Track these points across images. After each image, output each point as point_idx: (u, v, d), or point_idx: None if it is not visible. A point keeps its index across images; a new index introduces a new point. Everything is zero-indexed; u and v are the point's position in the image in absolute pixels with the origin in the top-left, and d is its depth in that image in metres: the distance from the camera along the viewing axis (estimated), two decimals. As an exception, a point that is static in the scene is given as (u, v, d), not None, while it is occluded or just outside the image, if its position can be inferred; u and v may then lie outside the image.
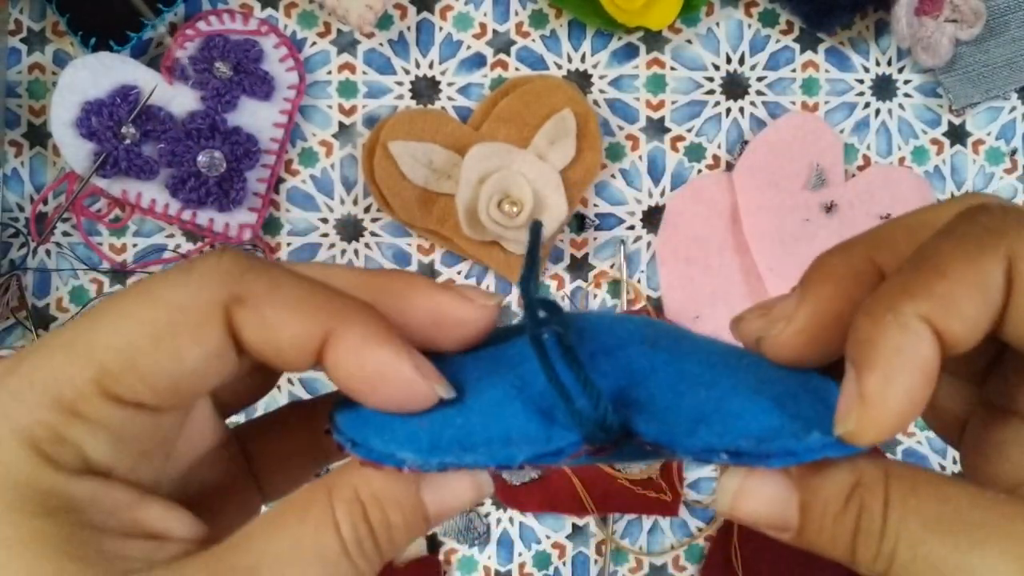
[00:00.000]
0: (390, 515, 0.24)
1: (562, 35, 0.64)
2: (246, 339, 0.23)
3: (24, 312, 0.62)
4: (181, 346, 0.23)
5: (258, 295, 0.23)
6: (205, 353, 0.23)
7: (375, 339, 0.24)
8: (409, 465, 0.23)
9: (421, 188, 0.61)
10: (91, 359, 0.22)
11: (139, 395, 0.23)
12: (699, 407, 0.24)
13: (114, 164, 0.59)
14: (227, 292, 0.23)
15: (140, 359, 0.22)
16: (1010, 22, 0.64)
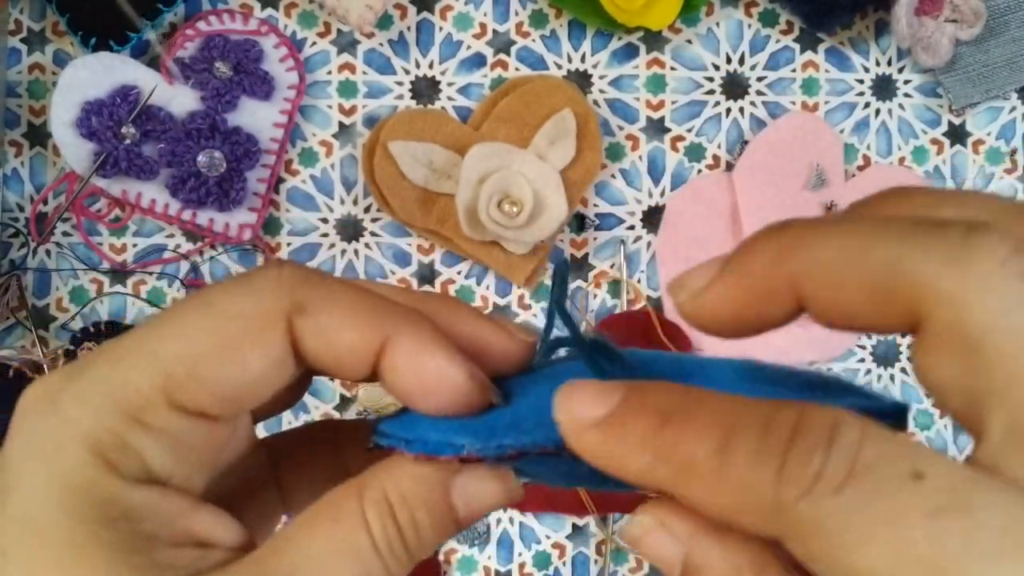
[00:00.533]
0: (417, 515, 0.24)
1: (562, 35, 0.64)
2: (306, 347, 0.24)
3: (24, 312, 0.62)
4: (246, 354, 0.23)
5: (317, 303, 0.24)
6: (268, 361, 0.24)
7: (431, 345, 0.24)
8: (468, 450, 0.24)
9: (421, 188, 0.61)
10: (157, 367, 0.23)
11: (202, 404, 0.23)
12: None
13: (114, 164, 0.59)
14: (288, 301, 0.24)
15: (205, 367, 0.23)
16: (1010, 22, 0.64)
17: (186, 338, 0.23)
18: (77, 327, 0.63)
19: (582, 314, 0.65)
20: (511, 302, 0.65)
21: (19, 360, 0.59)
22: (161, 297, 0.64)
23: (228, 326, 0.23)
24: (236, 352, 0.23)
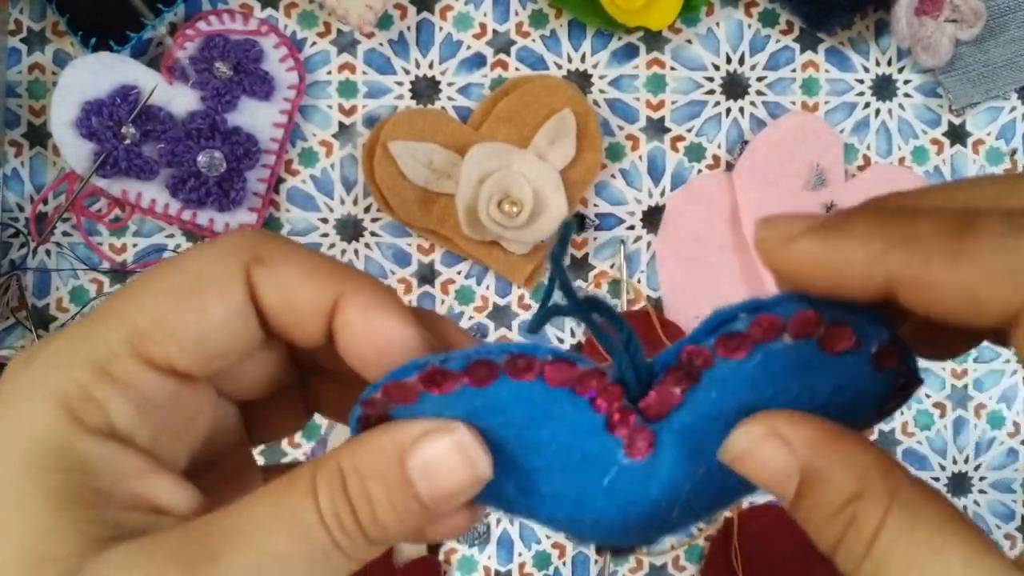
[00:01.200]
0: (371, 488, 0.23)
1: (562, 35, 0.64)
2: (265, 300, 0.25)
3: (24, 312, 0.62)
4: (205, 301, 0.24)
5: (276, 257, 0.25)
6: (227, 308, 0.24)
7: (385, 304, 0.25)
8: (431, 364, 0.24)
9: (421, 188, 0.61)
10: (123, 320, 0.24)
11: (167, 354, 0.24)
12: None
13: (114, 164, 0.59)
14: (247, 255, 0.24)
15: (168, 316, 0.24)
16: (1010, 22, 0.64)
17: (151, 293, 0.24)
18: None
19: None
20: (511, 302, 0.65)
21: (19, 360, 0.59)
22: (161, 297, 0.64)
23: (191, 279, 0.24)
24: (197, 300, 0.24)
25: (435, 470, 0.24)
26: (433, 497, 0.24)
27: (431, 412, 0.24)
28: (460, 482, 0.24)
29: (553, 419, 0.25)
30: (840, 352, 0.24)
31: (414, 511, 0.24)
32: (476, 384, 0.24)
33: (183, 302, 0.24)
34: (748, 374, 0.25)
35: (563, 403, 0.25)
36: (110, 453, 0.23)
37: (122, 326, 0.24)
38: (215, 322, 0.24)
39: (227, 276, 0.24)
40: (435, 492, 0.24)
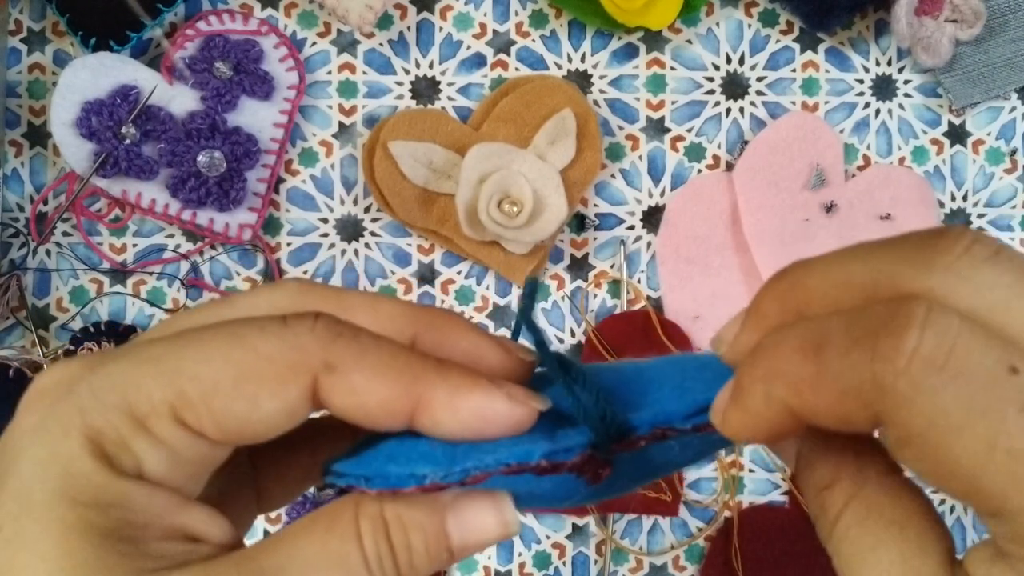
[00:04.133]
0: (412, 538, 0.24)
1: (562, 35, 0.64)
2: (335, 404, 0.24)
3: (24, 312, 0.62)
4: (260, 396, 0.24)
5: (348, 363, 0.24)
6: (280, 408, 0.24)
7: (464, 389, 0.24)
8: (431, 479, 0.24)
9: (421, 188, 0.61)
10: (173, 382, 0.23)
11: (205, 428, 0.24)
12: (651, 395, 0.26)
13: (114, 164, 0.59)
14: (319, 358, 0.24)
15: (217, 396, 0.23)
16: (1010, 22, 0.64)
17: (208, 363, 0.24)
18: (77, 327, 0.63)
19: (582, 314, 0.65)
20: (511, 302, 0.65)
21: (19, 360, 0.59)
22: (161, 297, 0.64)
23: (251, 364, 0.24)
24: (252, 391, 0.24)
25: (471, 525, 0.25)
26: (464, 548, 0.25)
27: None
28: (491, 537, 0.25)
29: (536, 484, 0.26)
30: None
31: (444, 560, 0.25)
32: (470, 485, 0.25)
33: (237, 386, 0.24)
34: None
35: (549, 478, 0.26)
36: (144, 491, 0.24)
37: (170, 387, 0.24)
38: (262, 416, 0.24)
39: (291, 376, 0.24)
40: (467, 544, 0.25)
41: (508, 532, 0.25)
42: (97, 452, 0.23)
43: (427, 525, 0.25)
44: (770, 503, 0.64)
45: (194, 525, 0.24)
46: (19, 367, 0.59)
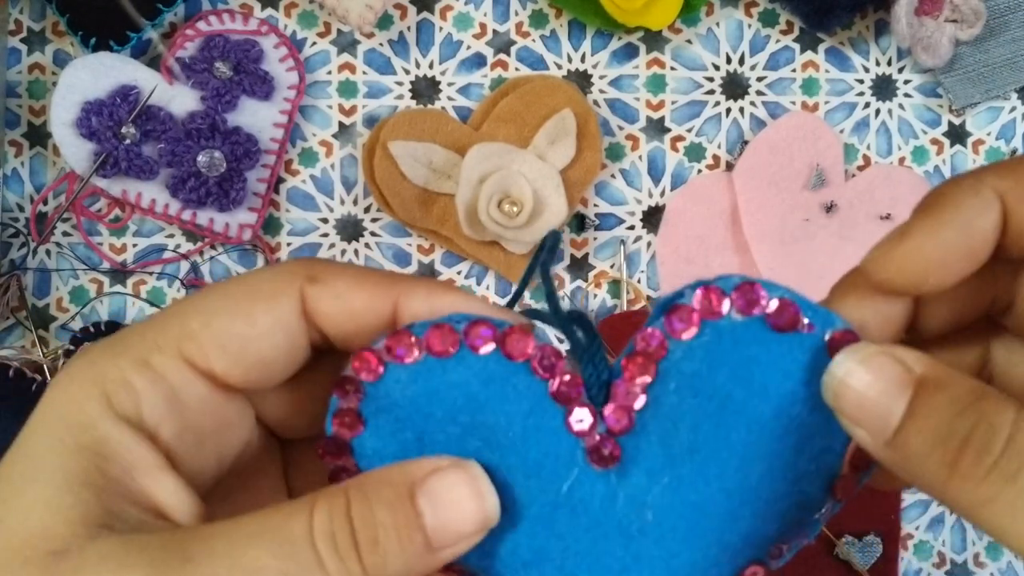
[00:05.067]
0: (377, 512, 0.23)
1: (562, 35, 0.64)
2: (322, 310, 0.26)
3: (24, 312, 0.62)
4: (255, 312, 0.25)
5: (330, 274, 0.26)
6: (274, 320, 0.25)
7: (440, 290, 0.26)
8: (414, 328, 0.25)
9: (421, 188, 0.61)
10: (175, 321, 0.25)
11: (209, 355, 0.25)
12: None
13: (114, 164, 0.59)
14: (302, 274, 0.26)
15: (218, 319, 0.25)
16: (1010, 22, 0.64)
17: (207, 300, 0.26)
18: (77, 327, 0.63)
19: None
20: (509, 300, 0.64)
21: (19, 360, 0.59)
22: (161, 297, 0.64)
23: (246, 290, 0.26)
24: (247, 308, 0.25)
25: (444, 501, 0.24)
26: (438, 531, 0.23)
27: (397, 392, 0.25)
28: (467, 516, 0.24)
29: (512, 402, 0.25)
30: (789, 330, 0.25)
31: (418, 543, 0.23)
32: (437, 353, 0.25)
33: (234, 309, 0.25)
34: (701, 357, 0.25)
35: (522, 381, 0.25)
36: (129, 440, 0.24)
37: (173, 326, 0.25)
38: (260, 331, 0.25)
39: (279, 290, 0.25)
40: (442, 525, 0.23)
41: (484, 507, 0.24)
42: (97, 392, 0.24)
43: (395, 500, 0.23)
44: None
45: (163, 496, 0.24)
46: (19, 367, 0.59)
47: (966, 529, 0.65)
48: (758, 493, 0.25)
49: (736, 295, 0.25)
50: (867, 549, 0.62)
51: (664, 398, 0.25)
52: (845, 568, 0.62)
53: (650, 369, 0.25)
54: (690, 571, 0.26)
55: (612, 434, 0.25)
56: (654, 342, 0.25)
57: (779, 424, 0.25)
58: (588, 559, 0.26)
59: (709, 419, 0.25)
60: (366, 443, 0.26)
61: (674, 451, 0.25)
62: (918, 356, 0.24)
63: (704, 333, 0.25)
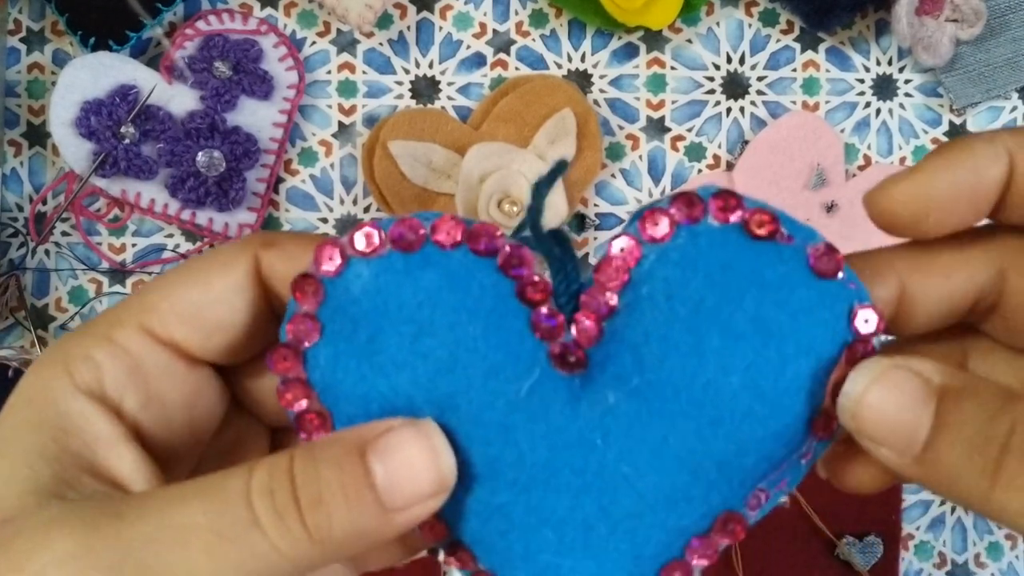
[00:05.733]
0: (322, 469, 0.22)
1: (562, 35, 0.64)
2: (277, 272, 0.26)
3: (23, 312, 0.62)
4: (211, 277, 0.26)
5: (283, 239, 0.27)
6: (228, 283, 0.26)
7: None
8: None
9: (421, 188, 0.61)
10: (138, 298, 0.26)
11: (169, 324, 0.26)
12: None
13: (113, 164, 0.59)
14: (257, 241, 0.27)
15: (176, 289, 0.26)
16: (1011, 21, 0.64)
17: (168, 276, 0.27)
18: (76, 327, 0.63)
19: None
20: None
21: (18, 360, 0.59)
22: (160, 297, 0.63)
23: (203, 260, 0.26)
24: (204, 276, 0.26)
25: (396, 459, 0.22)
26: (390, 490, 0.22)
27: (357, 288, 0.24)
28: (422, 475, 0.23)
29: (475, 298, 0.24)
30: (767, 239, 0.24)
31: (367, 503, 0.22)
32: (403, 247, 0.24)
33: (190, 280, 0.26)
34: (676, 260, 0.24)
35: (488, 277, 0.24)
36: (90, 413, 0.25)
37: (134, 303, 0.26)
38: (216, 295, 0.26)
39: (234, 257, 0.26)
40: (393, 484, 0.22)
41: (440, 464, 0.23)
42: (61, 369, 0.25)
43: (343, 458, 0.22)
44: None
45: (120, 467, 0.24)
46: (18, 367, 0.58)
47: (967, 529, 0.65)
48: (732, 412, 0.24)
49: (714, 201, 0.24)
50: (868, 550, 0.62)
51: (636, 305, 0.24)
52: (846, 569, 0.62)
53: (622, 276, 0.24)
54: (657, 496, 0.25)
55: (579, 345, 0.25)
56: (627, 248, 0.24)
57: (756, 336, 0.24)
58: (545, 472, 0.24)
59: (681, 325, 0.24)
60: (320, 353, 0.25)
61: (644, 358, 0.24)
62: (935, 366, 0.23)
63: (679, 236, 0.24)
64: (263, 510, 0.22)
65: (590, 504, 0.25)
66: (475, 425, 0.24)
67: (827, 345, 0.24)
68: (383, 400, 0.24)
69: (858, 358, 0.24)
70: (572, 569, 0.25)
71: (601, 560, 0.25)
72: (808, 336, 0.24)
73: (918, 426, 0.22)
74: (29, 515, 0.22)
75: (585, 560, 0.25)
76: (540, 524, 0.25)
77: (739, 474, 0.25)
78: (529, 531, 0.25)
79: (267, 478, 0.22)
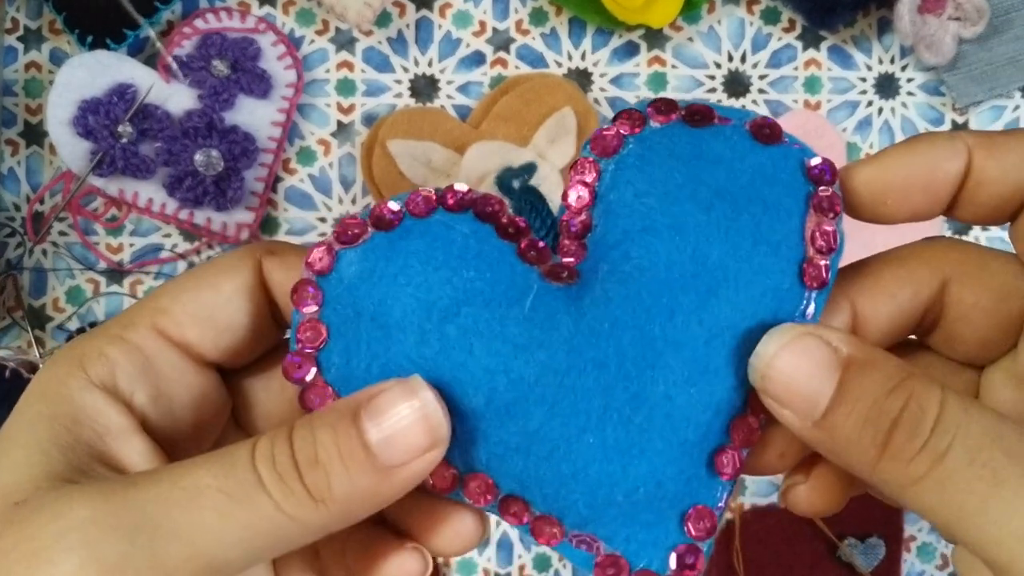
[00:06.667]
0: (318, 433, 0.23)
1: (562, 33, 0.64)
2: (275, 280, 0.28)
3: (20, 312, 0.62)
4: (220, 281, 0.28)
5: (283, 248, 0.29)
6: (236, 286, 0.28)
7: None
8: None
9: (420, 187, 0.61)
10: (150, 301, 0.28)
11: (181, 325, 0.27)
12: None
13: (111, 163, 0.59)
14: (261, 249, 0.28)
15: (187, 292, 0.27)
16: (1014, 20, 0.63)
17: (178, 280, 0.28)
18: (74, 327, 0.62)
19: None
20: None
21: (15, 360, 0.59)
22: (158, 297, 0.63)
23: (212, 266, 0.28)
24: (213, 279, 0.28)
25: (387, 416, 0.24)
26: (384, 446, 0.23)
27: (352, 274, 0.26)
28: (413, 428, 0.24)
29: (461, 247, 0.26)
30: (705, 123, 0.26)
31: (360, 459, 0.23)
32: (383, 226, 0.26)
33: (200, 283, 0.28)
34: (632, 163, 0.27)
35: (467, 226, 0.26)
36: (102, 405, 0.26)
37: (146, 306, 0.27)
38: (226, 296, 0.27)
39: (240, 262, 0.28)
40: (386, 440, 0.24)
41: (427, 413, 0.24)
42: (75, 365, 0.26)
43: (337, 421, 0.24)
44: (772, 505, 0.64)
45: (131, 456, 0.26)
46: (15, 367, 0.58)
47: (970, 531, 0.65)
48: (724, 278, 0.26)
49: (651, 109, 0.28)
50: (870, 551, 0.62)
51: (608, 212, 0.27)
52: (848, 570, 0.62)
53: (588, 195, 0.27)
54: (682, 371, 0.26)
55: (566, 263, 0.27)
56: (585, 167, 0.27)
57: (724, 204, 0.26)
58: (570, 377, 0.25)
59: (655, 212, 0.26)
60: (332, 352, 0.26)
61: (629, 250, 0.26)
62: (844, 336, 0.24)
63: (628, 143, 0.27)
64: (266, 472, 0.23)
65: (621, 396, 0.26)
66: (491, 355, 0.25)
67: (792, 201, 0.26)
68: (401, 369, 0.26)
69: (824, 207, 0.26)
70: (624, 473, 0.26)
71: (650, 455, 0.26)
72: (771, 194, 0.26)
73: (821, 393, 0.24)
74: (43, 496, 0.23)
75: (635, 458, 0.26)
76: (580, 433, 0.26)
77: (753, 339, 0.26)
78: (571, 443, 0.26)
79: (269, 445, 0.24)
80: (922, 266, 0.28)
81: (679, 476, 0.26)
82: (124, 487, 0.23)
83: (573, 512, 0.26)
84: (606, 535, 0.27)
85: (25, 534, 0.23)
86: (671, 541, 0.26)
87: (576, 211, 0.27)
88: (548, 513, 0.27)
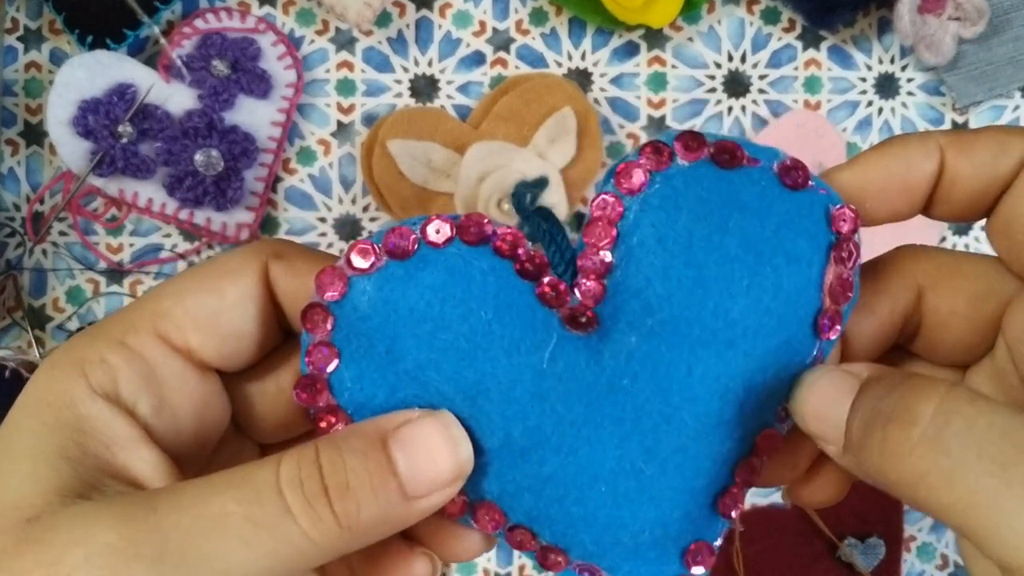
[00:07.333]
0: (348, 459, 0.23)
1: (562, 33, 0.64)
2: (282, 285, 0.27)
3: (20, 312, 0.62)
4: (224, 285, 0.27)
5: (292, 253, 0.27)
6: (241, 292, 0.27)
7: None
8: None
9: (420, 187, 0.61)
10: (151, 302, 0.27)
11: (184, 330, 0.26)
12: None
13: (111, 163, 0.59)
14: (267, 251, 0.27)
15: (190, 296, 0.26)
16: (1013, 20, 0.63)
17: (180, 280, 0.27)
18: (74, 327, 0.62)
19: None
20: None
21: (15, 360, 0.59)
22: (158, 297, 0.63)
23: (215, 268, 0.27)
24: (216, 283, 0.27)
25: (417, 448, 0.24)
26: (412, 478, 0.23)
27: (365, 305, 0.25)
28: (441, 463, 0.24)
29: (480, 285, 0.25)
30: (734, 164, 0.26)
31: (392, 490, 0.23)
32: (398, 255, 0.25)
33: (203, 286, 0.26)
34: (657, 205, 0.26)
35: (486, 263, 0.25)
36: (107, 415, 0.25)
37: (147, 308, 0.26)
38: (230, 302, 0.26)
39: (245, 266, 0.27)
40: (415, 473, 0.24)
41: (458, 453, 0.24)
42: (77, 373, 0.25)
43: (367, 448, 0.23)
44: (772, 505, 0.64)
45: (140, 467, 0.25)
46: (15, 367, 0.58)
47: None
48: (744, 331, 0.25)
49: (678, 144, 0.26)
50: (870, 551, 0.61)
51: (630, 256, 0.26)
52: (848, 570, 0.62)
53: (610, 232, 0.26)
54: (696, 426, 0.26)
55: (586, 305, 0.26)
56: (608, 204, 0.26)
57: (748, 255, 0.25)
58: (586, 428, 0.26)
59: (677, 261, 0.25)
60: (343, 375, 0.26)
61: (650, 301, 0.25)
62: (867, 364, 0.25)
63: (655, 182, 0.26)
64: (294, 499, 0.23)
65: (635, 449, 0.26)
66: (509, 403, 0.25)
67: (814, 250, 0.26)
68: (416, 402, 0.25)
69: (844, 256, 0.26)
70: (633, 518, 0.26)
71: (658, 501, 0.26)
72: (795, 245, 0.26)
73: (842, 415, 0.24)
74: (56, 512, 0.23)
75: (643, 506, 0.26)
76: (592, 481, 0.26)
77: (764, 389, 0.26)
78: (583, 490, 0.26)
79: (296, 468, 0.23)
80: (897, 278, 0.28)
81: (684, 518, 0.27)
82: (145, 512, 0.23)
83: (579, 547, 0.27)
84: (609, 567, 0.27)
85: (46, 557, 0.22)
86: (671, 573, 0.27)
87: (596, 249, 0.26)
88: (554, 544, 0.27)
